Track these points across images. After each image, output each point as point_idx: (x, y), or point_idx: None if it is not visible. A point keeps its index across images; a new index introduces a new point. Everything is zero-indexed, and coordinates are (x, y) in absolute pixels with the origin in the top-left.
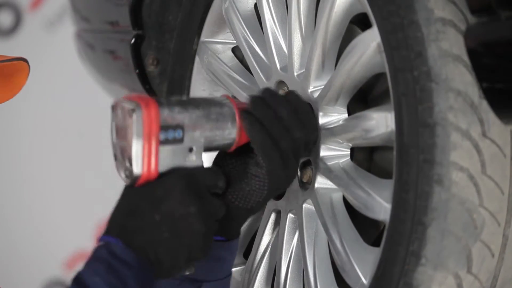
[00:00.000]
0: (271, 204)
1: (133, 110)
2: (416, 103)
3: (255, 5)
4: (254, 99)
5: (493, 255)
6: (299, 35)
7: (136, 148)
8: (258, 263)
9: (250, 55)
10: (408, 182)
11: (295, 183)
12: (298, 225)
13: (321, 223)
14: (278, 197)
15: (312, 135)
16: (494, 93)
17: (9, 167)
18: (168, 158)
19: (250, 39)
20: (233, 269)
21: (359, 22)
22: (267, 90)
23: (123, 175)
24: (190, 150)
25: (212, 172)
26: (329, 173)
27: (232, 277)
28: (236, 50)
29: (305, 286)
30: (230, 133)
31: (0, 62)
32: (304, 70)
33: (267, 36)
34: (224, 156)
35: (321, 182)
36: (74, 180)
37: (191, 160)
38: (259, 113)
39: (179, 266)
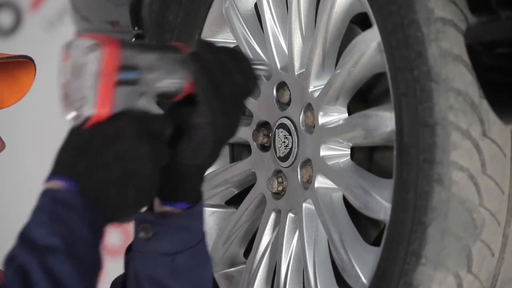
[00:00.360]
0: (271, 203)
1: (92, 47)
2: (416, 103)
3: (256, 4)
4: (201, 44)
5: (493, 255)
6: (299, 35)
7: (92, 86)
8: (258, 263)
9: (250, 54)
10: (408, 181)
11: (296, 182)
12: (298, 225)
13: (321, 223)
14: (278, 196)
15: (252, 82)
16: (494, 92)
17: (9, 167)
18: (120, 99)
19: (250, 38)
20: (233, 269)
21: (360, 22)
22: (207, 40)
23: (72, 114)
24: (143, 93)
25: (162, 118)
26: (329, 173)
27: (232, 277)
28: None
29: (305, 286)
30: (181, 78)
31: (3, 59)
32: (304, 69)
33: (267, 36)
34: (170, 110)
35: (321, 182)
36: None
37: (142, 104)
38: (206, 56)
39: (128, 209)
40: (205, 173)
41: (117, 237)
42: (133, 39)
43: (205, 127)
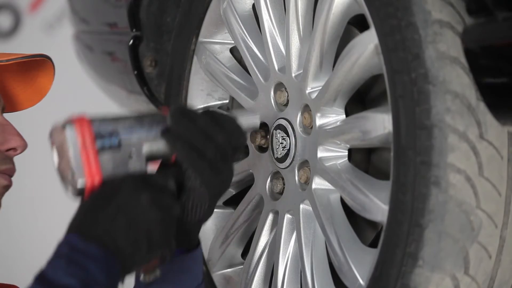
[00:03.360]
0: (269, 204)
1: (65, 126)
2: (413, 105)
3: (253, 5)
4: (173, 113)
5: (490, 257)
6: (297, 36)
7: (75, 158)
8: (255, 264)
9: (248, 55)
10: (406, 184)
11: (293, 184)
12: (296, 226)
13: (318, 224)
14: (276, 197)
15: (237, 138)
16: (491, 93)
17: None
18: (109, 166)
19: (248, 39)
20: (231, 269)
21: (358, 24)
22: (182, 106)
23: (70, 191)
24: (130, 156)
25: (160, 174)
26: (327, 174)
27: (230, 277)
28: (234, 51)
29: (302, 287)
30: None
31: (19, 59)
32: (302, 71)
33: (265, 37)
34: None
35: (319, 183)
36: None
37: (134, 166)
38: (180, 127)
39: (141, 255)
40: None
41: None
42: (131, 41)
43: (198, 189)
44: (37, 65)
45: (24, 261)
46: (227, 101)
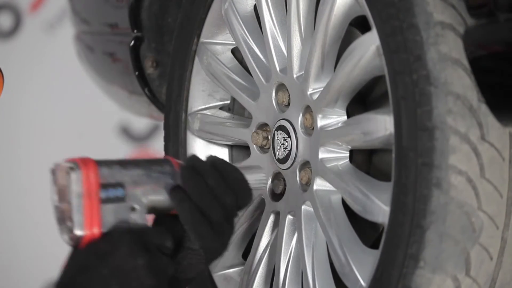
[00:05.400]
0: (270, 205)
1: (71, 169)
2: (415, 107)
3: (255, 6)
4: (184, 172)
5: (491, 258)
6: (298, 37)
7: (77, 207)
8: (257, 264)
9: (249, 56)
10: (407, 185)
11: (295, 185)
12: (297, 227)
13: (320, 225)
14: (277, 198)
15: (245, 199)
16: (493, 95)
17: (9, 167)
18: (110, 217)
19: (249, 40)
20: (232, 270)
21: (359, 25)
22: (193, 160)
23: (66, 237)
24: (133, 209)
25: (158, 231)
26: (328, 175)
27: (231, 278)
28: (235, 51)
29: None
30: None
31: None
32: (303, 72)
33: (267, 38)
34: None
35: (320, 184)
36: None
37: (134, 220)
38: (189, 187)
39: None
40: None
41: None
42: (132, 42)
43: (197, 252)
44: None
45: (23, 264)
46: (228, 101)
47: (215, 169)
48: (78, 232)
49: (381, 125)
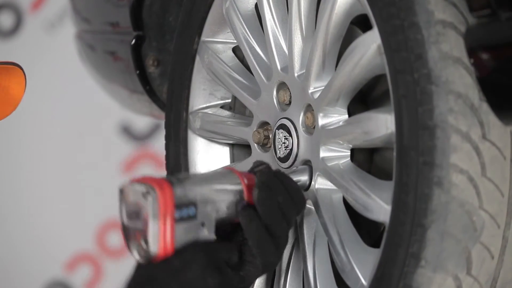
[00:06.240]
0: None
1: (148, 193)
2: (416, 105)
3: (256, 5)
4: (260, 193)
5: (492, 257)
6: (299, 36)
7: (153, 229)
8: None
9: (250, 55)
10: (408, 184)
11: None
12: (298, 225)
13: (321, 224)
14: None
15: (302, 209)
16: (494, 93)
17: (9, 167)
18: (182, 235)
19: (250, 39)
20: None
21: (360, 24)
22: (265, 173)
23: (137, 254)
24: (203, 224)
25: (226, 246)
26: (329, 174)
27: None
28: (236, 50)
29: (304, 287)
30: (237, 208)
31: None
32: (304, 70)
33: (268, 37)
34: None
35: (321, 183)
36: (74, 181)
37: (204, 235)
38: (263, 206)
39: None
40: None
41: (117, 239)
42: (134, 41)
43: (256, 265)
44: (7, 74)
45: (24, 265)
46: (229, 100)
47: (283, 185)
48: (153, 252)
49: (382, 124)
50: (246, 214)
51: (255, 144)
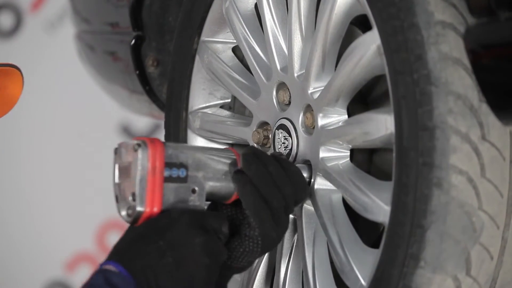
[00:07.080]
0: None
1: (138, 145)
2: (415, 106)
3: (256, 5)
4: (246, 157)
5: (492, 258)
6: (299, 36)
7: (141, 182)
8: (257, 263)
9: (250, 55)
10: (408, 185)
11: None
12: (298, 226)
13: (320, 224)
14: None
15: (302, 193)
16: (494, 94)
17: (9, 168)
18: (171, 196)
19: (250, 39)
20: None
21: (360, 24)
22: (254, 148)
23: (124, 213)
24: (193, 191)
25: (216, 215)
26: (329, 174)
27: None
28: (236, 50)
29: (304, 287)
30: (229, 182)
31: None
32: (304, 71)
33: (267, 37)
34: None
35: (321, 183)
36: (74, 181)
37: (193, 202)
38: (252, 170)
39: None
40: None
41: (117, 239)
42: (133, 41)
43: (254, 239)
44: (5, 75)
45: (24, 265)
46: (229, 100)
47: (275, 159)
48: (139, 208)
49: (381, 124)
50: (238, 178)
51: (255, 144)
